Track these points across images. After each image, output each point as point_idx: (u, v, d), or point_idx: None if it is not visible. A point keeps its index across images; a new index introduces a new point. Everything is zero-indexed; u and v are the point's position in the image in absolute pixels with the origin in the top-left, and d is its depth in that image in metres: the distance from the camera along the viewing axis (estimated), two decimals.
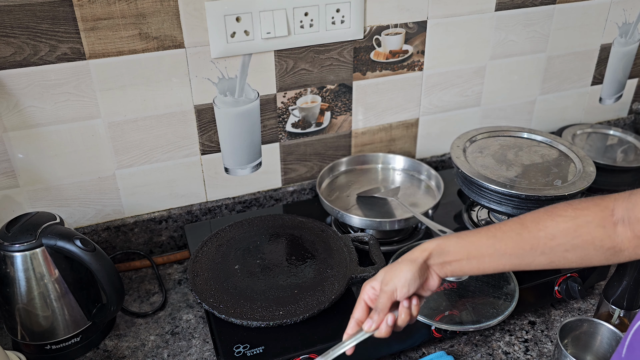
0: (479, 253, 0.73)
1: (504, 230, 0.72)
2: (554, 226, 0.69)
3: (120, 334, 0.99)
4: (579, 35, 1.34)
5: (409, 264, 0.73)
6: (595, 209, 0.67)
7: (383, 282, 0.74)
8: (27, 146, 0.99)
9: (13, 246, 0.85)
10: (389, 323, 0.73)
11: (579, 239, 0.68)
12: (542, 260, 0.71)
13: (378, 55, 1.17)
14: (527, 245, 0.71)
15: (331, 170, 1.22)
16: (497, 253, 0.72)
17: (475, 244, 0.73)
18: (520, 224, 0.72)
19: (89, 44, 0.94)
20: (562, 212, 0.69)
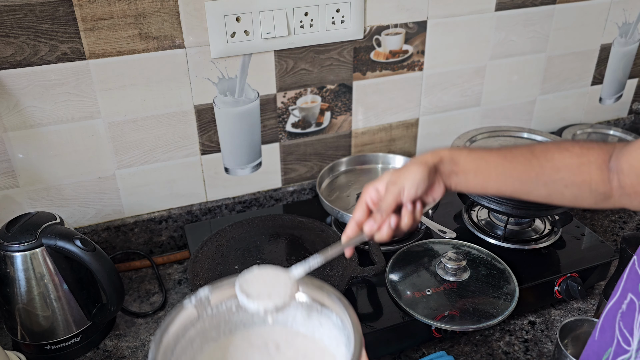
0: (487, 170, 0.73)
1: (514, 154, 0.73)
2: (560, 159, 0.70)
3: (120, 334, 0.99)
4: (579, 35, 1.34)
5: (419, 165, 0.71)
6: (599, 151, 0.69)
7: (390, 182, 0.72)
8: (27, 146, 0.99)
9: (13, 246, 0.85)
10: (391, 225, 0.71)
11: (580, 177, 0.69)
12: (541, 191, 0.72)
13: (378, 55, 1.17)
14: (532, 172, 0.72)
15: (331, 170, 1.22)
16: (504, 173, 0.73)
17: (485, 159, 0.74)
18: (530, 152, 0.73)
19: (89, 44, 0.94)
20: (570, 148, 0.71)
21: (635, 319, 0.55)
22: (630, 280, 0.58)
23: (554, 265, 1.03)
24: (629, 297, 0.57)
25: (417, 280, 0.97)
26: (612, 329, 0.59)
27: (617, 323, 0.58)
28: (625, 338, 0.56)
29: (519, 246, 1.07)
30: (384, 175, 0.74)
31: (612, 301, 0.61)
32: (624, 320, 0.57)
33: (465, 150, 0.75)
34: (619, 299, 0.59)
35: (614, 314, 0.59)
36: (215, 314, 0.78)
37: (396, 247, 1.06)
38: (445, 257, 0.98)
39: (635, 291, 0.56)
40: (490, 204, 1.06)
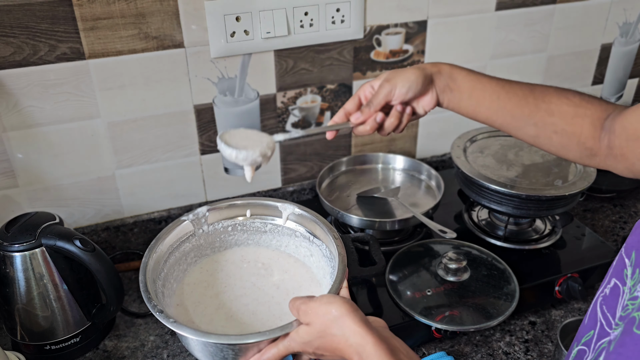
0: (482, 94, 0.74)
1: (512, 87, 0.74)
2: (557, 104, 0.70)
3: (119, 334, 0.98)
4: (579, 35, 1.34)
5: (415, 69, 0.73)
6: (598, 107, 0.69)
7: (385, 79, 0.74)
8: (26, 146, 0.99)
9: (12, 246, 0.85)
10: (377, 120, 0.74)
11: (571, 126, 0.70)
12: (530, 130, 0.73)
13: (378, 55, 1.16)
14: (526, 109, 0.72)
15: (331, 170, 1.22)
16: (497, 103, 0.73)
17: (483, 84, 0.74)
18: (529, 90, 0.73)
19: (88, 44, 0.94)
20: (570, 96, 0.71)
21: (618, 303, 0.56)
22: (617, 267, 0.59)
23: (555, 265, 1.03)
24: (613, 282, 0.58)
25: (417, 280, 0.97)
26: (595, 313, 0.60)
27: (600, 306, 0.59)
28: (608, 321, 0.57)
29: (519, 246, 1.07)
30: (382, 74, 0.76)
31: (600, 289, 0.61)
32: (606, 304, 0.58)
33: (465, 70, 0.76)
34: (603, 284, 0.60)
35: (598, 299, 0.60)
36: (211, 232, 0.82)
37: (396, 247, 1.06)
38: (446, 257, 0.97)
39: (620, 276, 0.57)
40: (490, 204, 1.06)
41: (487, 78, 0.75)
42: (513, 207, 1.04)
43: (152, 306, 0.68)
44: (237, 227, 0.84)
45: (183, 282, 0.82)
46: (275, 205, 0.82)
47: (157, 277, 0.76)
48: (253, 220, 0.84)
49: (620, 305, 0.55)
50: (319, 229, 0.80)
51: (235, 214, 0.84)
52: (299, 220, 0.83)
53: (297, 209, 0.81)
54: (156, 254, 0.76)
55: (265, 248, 0.86)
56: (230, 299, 0.79)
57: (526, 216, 1.09)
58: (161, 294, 0.75)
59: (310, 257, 0.82)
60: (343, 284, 0.71)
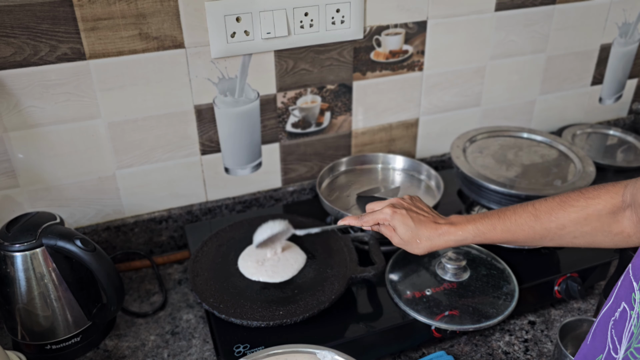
0: (488, 240, 0.78)
1: (518, 224, 0.75)
2: (565, 217, 0.71)
3: (120, 334, 0.99)
4: (579, 35, 1.34)
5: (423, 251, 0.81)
6: (606, 196, 0.69)
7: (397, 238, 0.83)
8: (27, 146, 0.99)
9: (13, 246, 0.85)
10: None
11: (588, 226, 0.70)
12: (549, 243, 0.76)
13: (378, 55, 1.17)
14: (537, 236, 0.74)
15: (331, 170, 1.22)
16: (508, 242, 0.78)
17: (488, 237, 0.78)
18: (534, 216, 0.74)
19: (89, 44, 0.94)
20: (574, 202, 0.71)
21: (625, 328, 0.55)
22: (624, 288, 0.58)
23: (554, 265, 1.03)
24: (622, 306, 0.58)
25: (417, 280, 0.97)
26: (604, 336, 0.59)
27: (610, 330, 0.58)
28: (615, 346, 0.56)
29: (519, 246, 1.07)
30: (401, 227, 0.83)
31: (606, 308, 0.61)
32: (616, 328, 0.57)
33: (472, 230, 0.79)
34: (613, 306, 0.59)
35: (607, 321, 0.60)
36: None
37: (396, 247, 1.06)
38: (445, 257, 0.98)
39: (628, 300, 0.56)
40: (490, 204, 1.06)
41: (493, 230, 0.78)
42: None
43: None
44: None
45: None
46: (313, 352, 0.79)
47: None
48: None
49: (627, 331, 0.55)
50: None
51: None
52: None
53: (337, 356, 0.78)
54: None
55: None
56: None
57: None
58: None
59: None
60: None
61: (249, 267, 0.96)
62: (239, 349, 0.85)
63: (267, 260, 0.97)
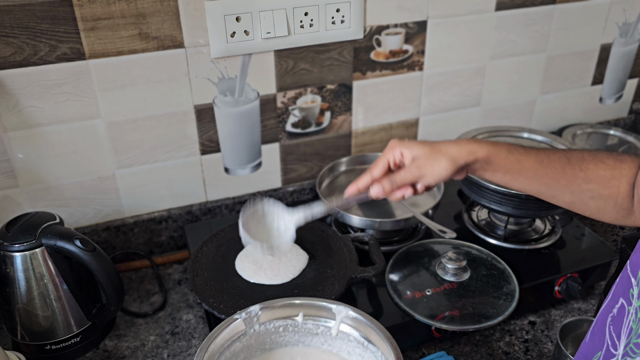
0: (518, 172, 0.72)
1: (551, 159, 0.71)
2: (594, 170, 0.69)
3: (120, 334, 0.99)
4: (579, 35, 1.34)
5: (449, 162, 0.71)
6: (631, 164, 0.68)
7: (415, 162, 0.72)
8: (27, 146, 0.99)
9: (13, 246, 0.85)
10: (406, 196, 0.74)
11: (608, 190, 0.68)
12: (566, 198, 0.72)
13: (378, 55, 1.17)
14: (563, 180, 0.71)
15: (331, 170, 1.22)
16: (533, 178, 0.72)
17: (521, 163, 0.72)
18: (567, 159, 0.71)
19: (88, 44, 0.94)
20: (605, 159, 0.70)
21: (623, 324, 0.55)
22: (622, 285, 0.58)
23: (554, 265, 1.03)
24: (620, 302, 0.57)
25: (417, 280, 0.97)
26: (603, 333, 0.59)
27: (608, 327, 0.58)
28: (614, 342, 0.56)
29: (519, 246, 1.07)
30: (416, 146, 0.73)
31: (604, 305, 0.61)
32: (614, 325, 0.57)
33: (503, 151, 0.73)
34: (611, 303, 0.59)
35: (605, 318, 0.59)
36: (262, 332, 0.79)
37: (396, 247, 1.06)
38: (446, 257, 0.98)
39: (626, 296, 0.56)
40: (490, 204, 1.06)
41: (526, 156, 0.72)
42: (513, 207, 1.04)
43: None
44: (288, 328, 0.81)
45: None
46: (329, 307, 0.80)
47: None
48: (305, 322, 0.81)
49: (625, 327, 0.55)
50: (374, 334, 0.77)
51: (288, 314, 0.81)
52: (354, 324, 0.80)
53: (352, 312, 0.78)
54: (208, 354, 0.74)
55: (315, 350, 0.83)
56: None
57: (526, 216, 1.09)
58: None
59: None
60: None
61: (246, 269, 0.96)
62: None
63: (266, 261, 0.97)
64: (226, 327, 0.76)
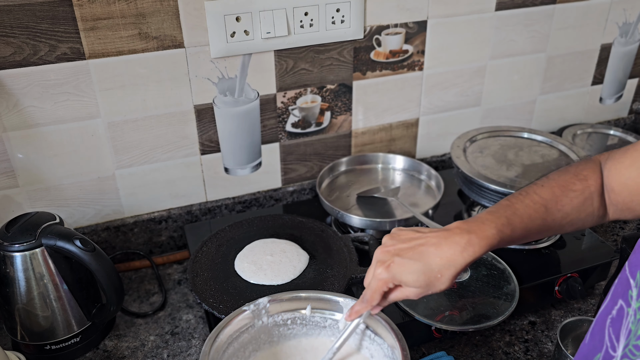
0: (508, 242, 0.70)
1: (532, 218, 0.70)
2: (568, 204, 0.70)
3: (120, 334, 0.98)
4: (579, 35, 1.34)
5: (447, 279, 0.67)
6: (593, 176, 0.69)
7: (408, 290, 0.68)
8: (26, 146, 0.99)
9: (13, 246, 0.85)
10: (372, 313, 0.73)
11: (584, 212, 0.70)
12: (546, 235, 0.73)
13: (378, 55, 1.17)
14: (545, 228, 0.71)
15: (331, 170, 1.22)
16: (521, 240, 0.72)
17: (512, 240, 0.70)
18: (544, 208, 0.70)
19: (88, 44, 0.94)
20: (572, 187, 0.70)
21: (622, 325, 0.55)
22: (621, 285, 0.58)
23: (554, 265, 1.03)
24: (619, 303, 0.57)
25: None
26: (602, 334, 0.59)
27: (607, 329, 0.58)
28: (613, 344, 0.56)
29: (519, 246, 1.07)
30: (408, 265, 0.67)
31: (604, 306, 0.61)
32: (613, 326, 0.57)
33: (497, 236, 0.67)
34: (610, 304, 0.59)
35: (604, 319, 0.60)
36: (270, 324, 0.80)
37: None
38: None
39: (625, 297, 0.56)
40: (490, 204, 1.06)
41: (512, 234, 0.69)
42: None
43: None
44: (296, 321, 0.81)
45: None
46: (337, 300, 0.80)
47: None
48: (313, 315, 0.81)
49: (624, 328, 0.55)
50: (380, 326, 0.77)
51: (296, 307, 0.81)
52: None
53: None
54: (216, 344, 0.74)
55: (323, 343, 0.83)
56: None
57: None
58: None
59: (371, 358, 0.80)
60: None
61: (246, 270, 0.96)
62: None
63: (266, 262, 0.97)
64: (234, 318, 0.77)
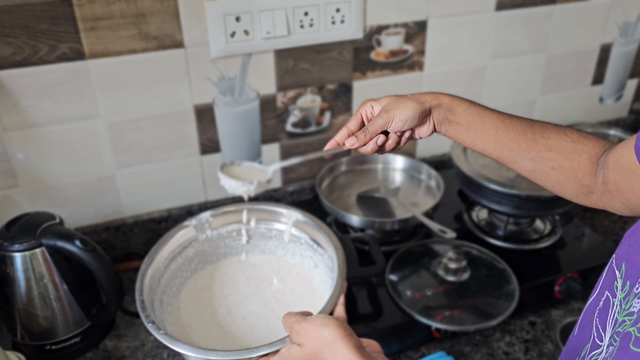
0: (480, 128, 0.74)
1: (512, 121, 0.73)
2: (556, 139, 0.70)
3: (120, 334, 0.98)
4: (579, 35, 1.34)
5: (415, 103, 0.73)
6: (595, 143, 0.69)
7: (383, 109, 0.74)
8: (26, 146, 0.99)
9: (13, 246, 0.85)
10: (378, 143, 0.75)
11: (568, 163, 0.69)
12: (527, 165, 0.73)
13: (378, 55, 1.17)
14: (524, 144, 0.72)
15: (331, 170, 1.22)
16: (495, 137, 0.74)
17: (482, 117, 0.74)
18: (529, 125, 0.73)
19: (88, 44, 0.94)
20: (569, 132, 0.71)
21: (608, 315, 0.55)
22: (608, 278, 0.59)
23: (555, 265, 1.03)
24: (606, 294, 0.58)
25: (417, 280, 0.97)
26: (590, 326, 0.60)
27: (595, 319, 0.59)
28: (599, 334, 0.57)
29: (519, 246, 1.07)
30: (384, 98, 0.76)
31: (591, 298, 0.61)
32: (600, 317, 0.58)
33: (466, 102, 0.76)
34: (598, 296, 0.60)
35: (593, 311, 0.60)
36: (215, 237, 0.80)
37: (396, 247, 1.06)
38: (446, 257, 0.98)
39: (611, 289, 0.56)
40: (490, 204, 1.06)
41: (488, 111, 0.75)
42: (513, 207, 1.04)
43: (144, 316, 0.69)
44: (241, 233, 0.82)
45: (184, 287, 0.81)
46: (280, 211, 0.81)
47: (156, 284, 0.75)
48: (258, 226, 0.82)
49: (610, 318, 0.55)
50: (322, 237, 0.79)
51: (240, 219, 0.82)
52: (303, 227, 0.81)
53: (302, 216, 0.80)
54: (155, 262, 0.76)
55: (269, 256, 0.84)
56: (228, 309, 0.79)
57: (526, 216, 1.09)
58: (159, 301, 0.75)
59: (315, 268, 0.81)
60: (340, 300, 0.70)
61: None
62: None
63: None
64: (175, 234, 0.77)
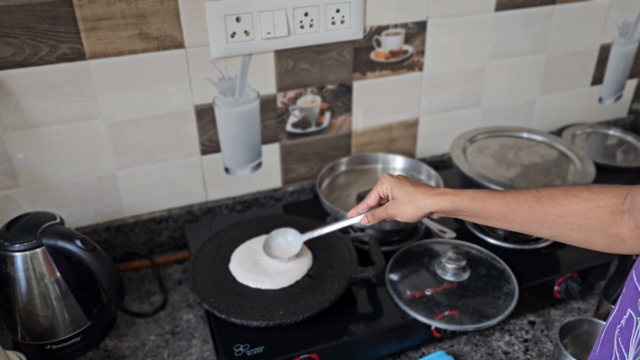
0: (486, 217, 0.76)
1: (518, 201, 0.73)
2: (566, 205, 0.70)
3: (120, 334, 0.99)
4: (579, 35, 1.34)
5: (415, 211, 0.78)
6: (610, 194, 0.68)
7: (392, 203, 0.80)
8: (27, 146, 0.99)
9: (13, 246, 0.85)
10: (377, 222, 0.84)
11: (587, 221, 0.69)
12: (545, 232, 0.73)
13: (378, 55, 1.17)
14: (535, 218, 0.72)
15: (331, 170, 1.22)
16: (503, 221, 0.75)
17: (486, 209, 0.75)
18: (535, 198, 0.72)
19: (89, 44, 0.94)
20: (578, 193, 0.70)
21: (632, 335, 0.55)
22: (629, 295, 0.57)
23: (554, 265, 1.03)
24: (628, 312, 0.57)
25: (417, 280, 0.98)
26: (611, 345, 0.58)
27: (616, 338, 0.58)
28: (622, 354, 0.56)
29: (518, 246, 1.07)
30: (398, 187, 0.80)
31: (612, 316, 0.60)
32: (622, 336, 0.57)
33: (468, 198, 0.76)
34: (618, 313, 0.59)
35: (613, 329, 0.59)
36: None
37: (396, 247, 1.06)
38: (445, 257, 0.98)
39: (634, 307, 0.55)
40: None
41: (491, 201, 0.75)
42: None
43: None
44: None
45: None
46: None
47: None
48: None
49: (634, 338, 0.54)
50: None
51: None
52: None
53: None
54: None
55: None
56: None
57: None
58: None
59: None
60: None
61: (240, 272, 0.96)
62: (239, 349, 0.85)
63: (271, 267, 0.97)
64: None
